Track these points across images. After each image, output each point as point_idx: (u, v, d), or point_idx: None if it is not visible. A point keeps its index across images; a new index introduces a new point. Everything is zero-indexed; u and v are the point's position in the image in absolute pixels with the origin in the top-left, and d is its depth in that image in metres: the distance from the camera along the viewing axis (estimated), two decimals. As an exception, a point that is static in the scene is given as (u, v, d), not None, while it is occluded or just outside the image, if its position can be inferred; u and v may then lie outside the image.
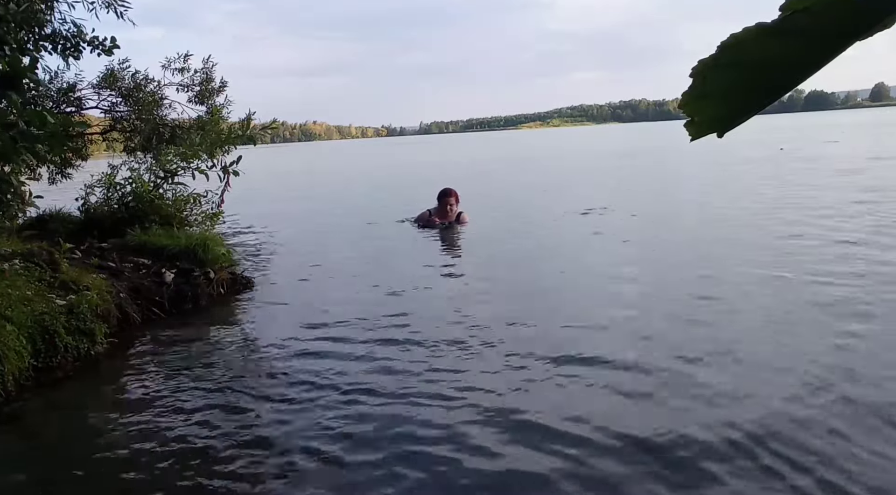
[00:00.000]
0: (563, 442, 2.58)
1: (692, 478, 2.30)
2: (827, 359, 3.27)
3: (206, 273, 5.21)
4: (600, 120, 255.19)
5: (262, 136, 7.39)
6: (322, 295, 5.22)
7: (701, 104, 0.63)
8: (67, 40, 5.86)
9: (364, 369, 3.49)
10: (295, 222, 10.13)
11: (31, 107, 4.77)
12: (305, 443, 2.70)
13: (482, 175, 17.95)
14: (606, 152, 29.59)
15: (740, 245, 6.29)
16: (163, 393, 3.34)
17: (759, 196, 9.92)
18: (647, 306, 4.41)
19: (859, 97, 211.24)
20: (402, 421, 2.84)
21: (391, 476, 2.43)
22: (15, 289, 3.83)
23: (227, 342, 4.21)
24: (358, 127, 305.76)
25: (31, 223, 6.43)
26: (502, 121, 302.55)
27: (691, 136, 0.66)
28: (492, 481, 2.37)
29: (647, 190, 12.52)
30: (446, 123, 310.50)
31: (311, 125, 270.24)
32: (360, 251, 7.17)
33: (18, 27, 4.19)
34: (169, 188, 6.69)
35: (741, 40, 0.59)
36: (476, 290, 5.07)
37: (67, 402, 3.39)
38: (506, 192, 12.90)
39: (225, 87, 8.32)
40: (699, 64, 0.61)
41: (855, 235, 6.26)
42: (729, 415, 2.72)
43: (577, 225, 8.26)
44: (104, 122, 8.48)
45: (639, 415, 2.80)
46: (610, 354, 3.47)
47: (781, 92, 0.62)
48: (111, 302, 4.41)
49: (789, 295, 4.49)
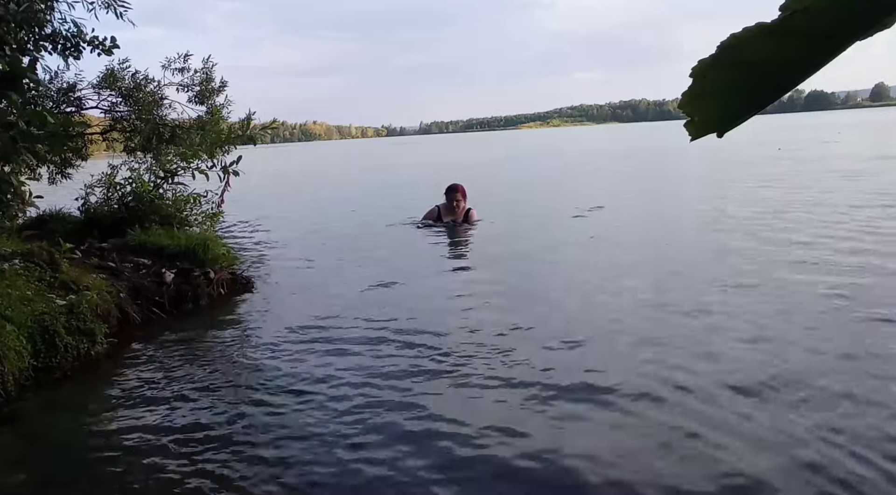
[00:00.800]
0: (566, 447, 2.58)
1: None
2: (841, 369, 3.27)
3: (206, 273, 5.21)
4: (600, 120, 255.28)
5: (262, 136, 7.39)
6: (323, 295, 5.22)
7: (701, 104, 0.63)
8: (67, 40, 5.85)
9: (365, 369, 3.49)
10: (295, 222, 10.13)
11: (31, 107, 4.77)
12: (306, 443, 2.70)
13: (483, 175, 17.94)
14: (607, 153, 29.59)
15: (746, 251, 6.28)
16: (163, 393, 3.34)
17: (760, 197, 9.91)
18: (650, 310, 4.41)
19: (859, 97, 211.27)
20: (403, 422, 2.84)
21: (391, 475, 2.43)
22: (15, 289, 3.83)
23: (226, 342, 4.21)
24: (358, 127, 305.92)
25: (31, 223, 6.43)
26: (502, 121, 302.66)
27: (691, 136, 0.66)
28: (493, 482, 2.37)
29: (646, 190, 12.52)
30: (446, 123, 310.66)
31: (310, 125, 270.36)
32: (361, 251, 7.17)
33: (18, 27, 4.19)
34: (169, 188, 6.69)
35: (741, 40, 0.58)
36: (481, 292, 5.06)
37: (67, 402, 3.39)
38: (506, 193, 12.89)
39: (225, 86, 8.32)
40: (699, 64, 0.61)
41: (855, 236, 6.26)
42: (731, 415, 2.73)
43: (580, 225, 8.26)
44: (104, 122, 8.48)
45: (641, 421, 2.80)
46: (616, 358, 3.47)
47: (781, 92, 0.62)
48: (111, 302, 4.41)
49: (802, 300, 4.49)
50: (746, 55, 0.59)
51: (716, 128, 0.65)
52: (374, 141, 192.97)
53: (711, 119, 0.64)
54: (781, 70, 0.60)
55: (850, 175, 11.97)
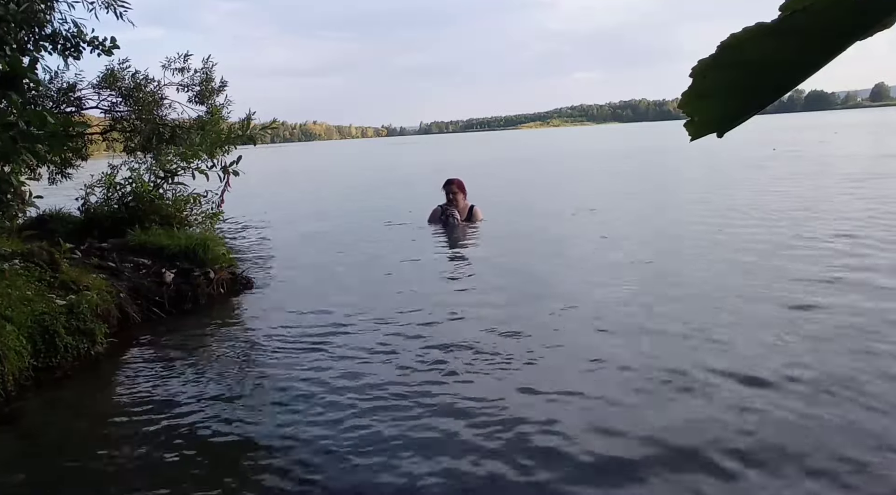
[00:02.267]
0: (568, 450, 2.58)
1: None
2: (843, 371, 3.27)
3: (206, 273, 5.21)
4: (600, 120, 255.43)
5: (262, 136, 7.40)
6: (323, 295, 5.21)
7: (701, 104, 0.63)
8: (67, 40, 5.86)
9: (365, 369, 3.49)
10: (295, 221, 10.13)
11: (31, 107, 4.77)
12: (306, 443, 2.70)
13: (485, 175, 17.94)
14: (608, 152, 29.58)
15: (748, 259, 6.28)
16: (163, 393, 3.34)
17: (762, 200, 9.92)
18: (652, 313, 4.41)
19: (859, 97, 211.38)
20: (403, 422, 2.84)
21: (391, 476, 2.43)
22: (15, 289, 3.83)
23: (226, 342, 4.21)
24: (358, 127, 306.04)
25: (31, 223, 6.43)
26: (502, 121, 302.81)
27: (691, 136, 0.66)
28: (494, 483, 2.37)
29: (646, 190, 12.52)
30: (446, 123, 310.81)
31: (310, 125, 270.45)
32: (361, 251, 7.17)
33: (18, 27, 4.19)
34: (169, 188, 6.69)
35: (741, 40, 0.59)
36: (482, 293, 5.05)
37: (67, 402, 3.39)
38: (508, 193, 12.89)
39: (225, 86, 8.34)
40: (699, 64, 0.61)
41: (857, 236, 6.26)
42: (737, 416, 2.73)
43: (584, 225, 8.26)
44: (104, 122, 8.49)
45: (642, 420, 2.80)
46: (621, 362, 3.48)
47: (781, 92, 0.62)
48: (111, 302, 4.41)
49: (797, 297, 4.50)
50: (746, 55, 0.59)
51: (716, 128, 0.65)
52: (373, 141, 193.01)
53: (711, 119, 0.64)
54: (781, 70, 0.60)
55: (851, 176, 11.99)
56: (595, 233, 7.42)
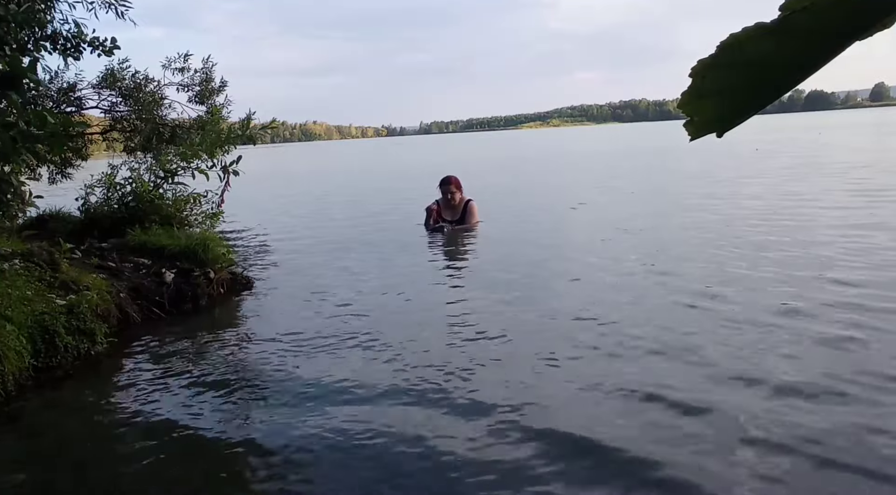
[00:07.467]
0: (568, 451, 2.58)
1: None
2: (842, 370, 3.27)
3: (206, 273, 5.21)
4: (600, 120, 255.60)
5: (262, 136, 7.39)
6: (323, 295, 5.21)
7: (700, 104, 0.63)
8: (68, 40, 5.85)
9: (364, 370, 3.49)
10: (295, 221, 10.13)
11: (31, 107, 4.77)
12: (306, 443, 2.70)
13: (485, 174, 17.94)
14: (610, 152, 29.58)
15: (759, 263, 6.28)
16: (163, 393, 3.34)
17: (760, 200, 9.93)
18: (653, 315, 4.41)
19: (859, 97, 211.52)
20: (403, 422, 2.84)
21: (391, 476, 2.43)
22: (15, 289, 3.83)
23: (227, 342, 4.21)
24: (358, 127, 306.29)
25: (31, 223, 6.44)
26: (502, 121, 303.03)
27: (690, 136, 0.66)
28: (494, 483, 2.37)
29: (646, 190, 12.51)
30: (446, 123, 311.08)
31: (311, 125, 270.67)
32: (361, 250, 7.17)
33: (18, 27, 4.19)
34: (169, 188, 6.69)
35: (741, 40, 0.59)
36: (482, 293, 5.05)
37: (67, 402, 3.39)
38: (509, 193, 12.89)
39: (225, 86, 8.35)
40: (699, 64, 0.61)
41: (856, 233, 6.26)
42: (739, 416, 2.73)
43: (584, 225, 8.26)
44: (104, 122, 8.50)
45: (644, 422, 2.80)
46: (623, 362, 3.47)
47: (781, 92, 0.62)
48: (111, 302, 4.41)
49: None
50: (746, 55, 0.59)
51: (715, 128, 0.65)
52: (374, 141, 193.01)
53: (711, 119, 0.64)
54: (781, 70, 0.60)
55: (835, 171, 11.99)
56: (595, 234, 7.42)
